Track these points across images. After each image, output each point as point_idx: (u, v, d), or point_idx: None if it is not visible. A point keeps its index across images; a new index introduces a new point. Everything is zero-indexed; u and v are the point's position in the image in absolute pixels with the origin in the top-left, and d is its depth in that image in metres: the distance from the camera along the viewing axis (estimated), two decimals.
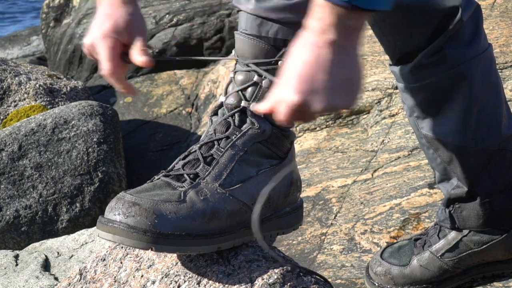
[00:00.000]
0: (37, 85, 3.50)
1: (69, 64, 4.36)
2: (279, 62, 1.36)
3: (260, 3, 1.35)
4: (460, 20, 1.55)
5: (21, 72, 3.61)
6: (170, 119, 3.74)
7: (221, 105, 1.40)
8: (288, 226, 1.44)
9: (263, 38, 1.36)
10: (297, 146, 2.78)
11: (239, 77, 1.38)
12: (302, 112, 1.15)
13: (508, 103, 2.44)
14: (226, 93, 1.40)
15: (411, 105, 1.66)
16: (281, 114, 1.16)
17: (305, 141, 2.82)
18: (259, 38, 1.36)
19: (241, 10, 1.40)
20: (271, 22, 1.35)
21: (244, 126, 1.37)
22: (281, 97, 1.15)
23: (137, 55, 1.33)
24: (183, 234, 1.28)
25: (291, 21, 1.35)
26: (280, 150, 1.40)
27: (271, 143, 1.39)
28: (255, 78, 1.37)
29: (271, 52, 1.36)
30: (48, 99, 3.47)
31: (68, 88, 3.62)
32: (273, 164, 1.39)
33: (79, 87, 3.68)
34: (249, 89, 1.37)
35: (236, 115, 1.37)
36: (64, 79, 3.72)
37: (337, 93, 1.14)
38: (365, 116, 2.84)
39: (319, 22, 1.11)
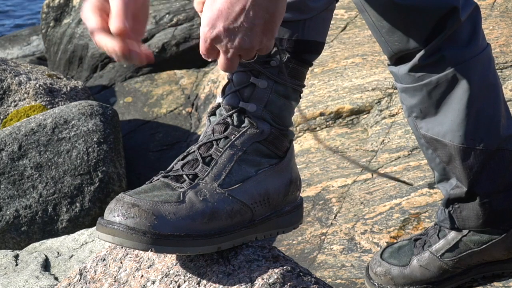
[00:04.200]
0: (37, 85, 3.50)
1: (69, 64, 4.36)
2: (274, 61, 1.36)
3: None
4: (458, 20, 1.55)
5: (21, 72, 3.61)
6: (170, 119, 3.74)
7: (218, 105, 1.40)
8: (288, 225, 1.44)
9: None
10: (297, 146, 2.78)
11: (237, 77, 1.38)
12: (218, 48, 1.21)
13: (508, 103, 2.44)
14: (223, 93, 1.40)
15: (409, 105, 1.67)
16: (201, 49, 1.22)
17: (305, 141, 2.82)
18: None
19: None
20: None
21: (243, 126, 1.37)
22: (201, 28, 1.21)
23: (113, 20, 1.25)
24: (182, 235, 1.28)
25: (286, 19, 1.35)
26: (279, 149, 1.40)
27: (270, 142, 1.39)
28: (251, 79, 1.37)
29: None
30: (48, 99, 3.47)
31: (68, 88, 3.62)
32: (272, 164, 1.39)
33: (79, 87, 3.68)
34: (246, 90, 1.37)
35: (234, 115, 1.37)
36: (64, 79, 3.72)
37: (252, 34, 1.19)
38: (365, 116, 2.84)
39: None
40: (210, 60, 1.26)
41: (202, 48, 1.22)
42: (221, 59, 1.23)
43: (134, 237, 1.25)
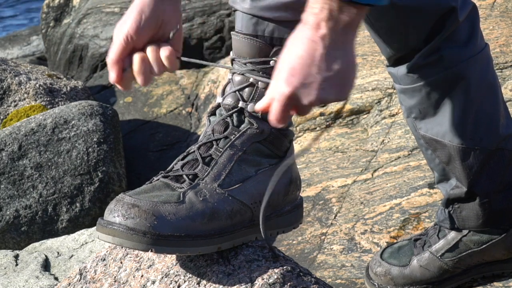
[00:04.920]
0: (37, 85, 3.50)
1: (69, 64, 4.36)
2: (273, 61, 1.36)
3: (255, 2, 1.35)
4: (456, 20, 1.55)
5: (21, 72, 3.61)
6: (170, 119, 3.74)
7: (218, 105, 1.40)
8: (288, 224, 1.45)
9: (260, 37, 1.36)
10: (297, 146, 2.78)
11: (237, 77, 1.38)
12: (293, 106, 1.18)
13: (508, 103, 2.44)
14: (223, 93, 1.40)
15: (408, 105, 1.67)
16: (273, 110, 1.18)
17: (305, 141, 2.82)
18: (255, 37, 1.36)
19: (237, 10, 1.40)
20: (267, 21, 1.36)
21: (243, 126, 1.37)
22: (274, 91, 1.18)
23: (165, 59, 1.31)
24: (182, 235, 1.28)
25: (286, 19, 1.35)
26: (279, 149, 1.40)
27: (270, 142, 1.39)
28: (252, 79, 1.37)
29: (268, 51, 1.36)
30: (48, 99, 3.47)
31: (68, 88, 3.62)
32: (272, 164, 1.39)
33: (79, 87, 3.68)
34: (246, 90, 1.38)
35: (234, 115, 1.38)
36: (64, 79, 3.72)
37: (328, 87, 1.16)
38: (365, 116, 2.84)
39: (314, 16, 1.13)
40: (281, 126, 1.22)
41: (276, 111, 1.17)
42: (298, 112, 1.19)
43: (134, 237, 1.26)
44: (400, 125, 2.69)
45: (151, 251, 1.26)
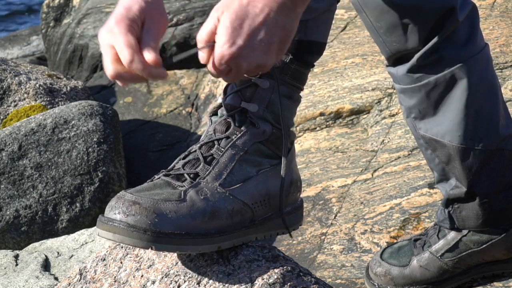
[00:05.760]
0: (37, 85, 3.50)
1: (69, 64, 4.36)
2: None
3: None
4: (456, 20, 1.55)
5: (21, 72, 3.61)
6: (170, 119, 3.74)
7: (220, 105, 1.40)
8: (288, 226, 1.45)
9: None
10: (297, 146, 2.78)
11: None
12: (233, 65, 1.18)
13: (508, 103, 2.44)
14: (225, 93, 1.40)
15: (408, 106, 1.67)
16: (215, 62, 1.19)
17: (305, 141, 2.82)
18: None
19: None
20: None
21: (244, 126, 1.37)
22: (218, 48, 1.18)
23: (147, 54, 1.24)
24: (183, 233, 1.28)
25: None
26: (280, 150, 1.40)
27: (271, 143, 1.39)
28: (253, 79, 1.37)
29: None
30: (48, 99, 3.47)
31: (68, 88, 3.62)
32: (273, 164, 1.39)
33: (79, 87, 3.68)
34: (248, 90, 1.38)
35: (236, 115, 1.38)
36: (64, 79, 3.72)
37: (269, 52, 1.18)
38: (365, 116, 2.84)
39: None
40: (218, 77, 1.24)
41: (217, 63, 1.19)
42: (231, 75, 1.21)
43: (135, 234, 1.26)
44: (400, 125, 2.69)
45: (151, 248, 1.27)
